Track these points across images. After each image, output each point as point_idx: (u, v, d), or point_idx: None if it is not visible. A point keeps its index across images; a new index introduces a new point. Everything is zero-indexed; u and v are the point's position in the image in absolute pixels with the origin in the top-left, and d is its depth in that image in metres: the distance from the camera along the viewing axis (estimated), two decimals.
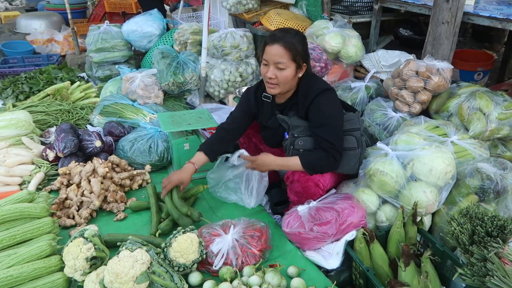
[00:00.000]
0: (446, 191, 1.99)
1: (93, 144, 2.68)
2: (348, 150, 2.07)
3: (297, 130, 2.06)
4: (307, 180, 2.03)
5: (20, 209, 1.85)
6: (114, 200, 2.34)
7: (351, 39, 3.32)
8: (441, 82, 2.50)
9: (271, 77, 2.00)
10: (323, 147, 1.99)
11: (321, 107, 2.00)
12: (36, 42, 5.76)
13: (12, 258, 1.68)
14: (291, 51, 1.94)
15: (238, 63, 3.68)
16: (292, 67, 1.98)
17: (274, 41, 1.96)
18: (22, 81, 3.78)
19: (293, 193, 2.12)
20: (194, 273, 1.81)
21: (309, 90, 2.04)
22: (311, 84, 2.06)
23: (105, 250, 1.77)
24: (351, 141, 2.09)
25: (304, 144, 2.05)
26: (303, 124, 2.06)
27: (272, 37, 1.98)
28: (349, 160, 2.09)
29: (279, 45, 1.94)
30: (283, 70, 1.97)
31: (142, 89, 3.37)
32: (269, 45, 1.98)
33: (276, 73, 1.98)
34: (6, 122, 2.79)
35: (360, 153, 2.11)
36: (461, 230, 1.54)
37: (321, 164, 2.01)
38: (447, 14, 2.65)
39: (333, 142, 1.98)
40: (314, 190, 2.04)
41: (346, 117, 2.12)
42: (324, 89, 2.02)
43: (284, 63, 1.96)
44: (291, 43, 1.94)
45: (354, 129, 2.11)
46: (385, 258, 1.84)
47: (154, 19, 4.27)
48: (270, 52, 1.97)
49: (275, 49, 1.95)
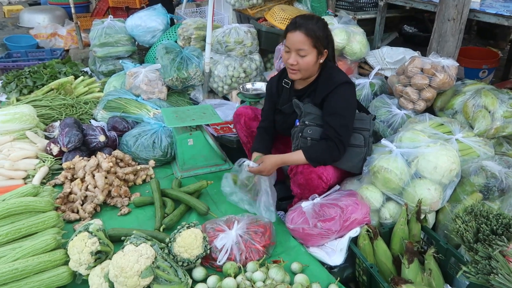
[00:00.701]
0: (450, 189, 1.99)
1: (97, 138, 2.68)
2: (353, 146, 2.08)
3: (308, 118, 2.07)
4: (310, 172, 2.03)
5: (25, 203, 1.85)
6: (118, 194, 2.35)
7: (356, 35, 3.30)
8: (446, 80, 2.49)
9: (292, 63, 2.02)
10: (329, 135, 2.00)
11: (338, 98, 2.02)
12: (39, 36, 5.75)
13: (17, 252, 1.68)
14: (312, 38, 1.97)
15: (242, 59, 3.68)
16: (313, 53, 2.00)
17: (296, 28, 1.99)
18: (25, 75, 3.78)
19: (296, 186, 2.13)
20: (198, 268, 1.82)
21: (330, 80, 2.06)
22: (333, 74, 2.09)
23: (109, 245, 1.77)
24: (358, 139, 2.09)
25: (312, 133, 2.06)
26: (316, 113, 2.07)
27: (294, 24, 2.01)
28: (353, 157, 2.09)
29: (301, 32, 1.97)
30: (304, 56, 2.00)
31: (146, 84, 3.37)
32: (291, 32, 2.00)
33: (298, 60, 2.01)
34: (10, 116, 2.80)
35: (365, 153, 2.11)
36: (466, 228, 1.53)
37: (324, 155, 2.02)
38: (453, 11, 2.64)
39: (340, 132, 1.99)
40: (317, 182, 2.04)
41: (359, 116, 2.13)
42: (344, 81, 2.05)
43: (305, 49, 1.98)
44: (312, 30, 1.97)
45: (364, 129, 2.12)
46: (388, 255, 1.84)
47: (158, 14, 4.26)
48: (291, 39, 2.00)
49: (297, 36, 1.98)
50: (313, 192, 2.06)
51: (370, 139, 2.15)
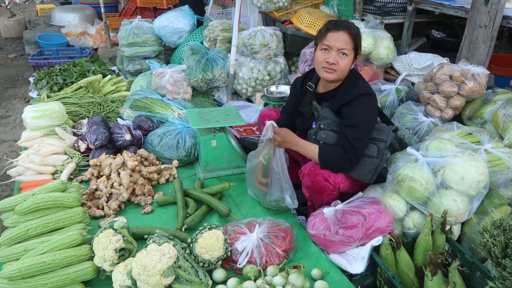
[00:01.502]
0: (477, 201, 1.94)
1: (123, 137, 2.74)
2: (365, 156, 2.06)
3: (324, 122, 2.07)
4: (316, 175, 2.03)
5: (54, 198, 1.91)
6: (142, 193, 2.39)
7: (383, 40, 3.26)
8: (476, 88, 2.42)
9: (333, 62, 2.01)
10: (343, 146, 1.98)
11: (356, 109, 2.00)
12: (70, 35, 5.92)
13: (45, 245, 1.74)
14: (355, 40, 2.00)
15: (267, 62, 3.68)
16: (351, 55, 2.02)
17: (340, 28, 1.99)
18: (56, 72, 3.89)
19: (305, 188, 2.13)
20: (219, 269, 1.83)
21: (351, 89, 2.05)
22: (356, 84, 2.08)
23: (133, 242, 1.81)
24: (372, 149, 2.07)
25: (325, 137, 2.06)
26: (332, 118, 2.07)
27: (338, 24, 2.01)
28: (363, 167, 2.07)
29: (345, 32, 1.98)
30: (344, 57, 2.00)
31: (171, 85, 3.41)
32: (333, 31, 2.00)
33: (338, 59, 2.01)
34: (41, 112, 2.89)
35: (378, 164, 2.08)
36: (494, 242, 1.49)
37: (335, 163, 2.01)
38: (485, 18, 2.57)
39: (355, 146, 1.97)
40: (323, 184, 2.02)
41: (378, 126, 2.11)
42: (365, 93, 2.03)
43: (347, 50, 1.99)
44: (355, 31, 2.00)
45: (380, 140, 2.09)
46: (411, 266, 1.81)
47: (185, 15, 4.32)
48: (334, 38, 2.00)
49: (341, 35, 1.99)
50: (321, 195, 2.05)
51: (385, 151, 2.12)
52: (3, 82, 5.28)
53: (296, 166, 2.43)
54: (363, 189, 2.23)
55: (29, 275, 1.66)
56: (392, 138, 2.17)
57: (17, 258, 1.74)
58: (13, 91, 5.00)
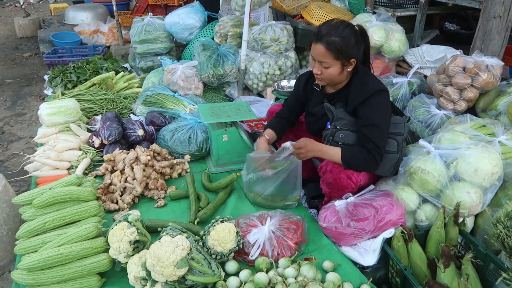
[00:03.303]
0: (491, 193, 1.92)
1: (136, 132, 2.78)
2: (387, 153, 2.04)
3: (340, 123, 2.05)
4: (340, 172, 2.02)
5: (70, 191, 1.95)
6: (155, 187, 2.43)
7: (395, 33, 3.23)
8: (490, 79, 2.39)
9: (316, 73, 2.03)
10: (366, 147, 1.97)
11: (373, 108, 1.97)
12: (83, 33, 6.00)
13: (62, 238, 1.78)
14: (333, 51, 1.92)
15: (278, 56, 3.69)
16: (336, 65, 1.96)
17: (317, 40, 1.95)
18: (70, 70, 3.96)
19: (325, 184, 2.11)
20: (231, 261, 1.85)
21: (363, 89, 2.01)
22: (366, 82, 2.03)
23: (147, 235, 1.84)
24: (392, 145, 2.05)
25: (344, 138, 2.04)
26: (348, 118, 2.05)
27: (316, 35, 1.96)
28: (385, 163, 2.06)
29: (321, 45, 1.93)
30: (327, 68, 1.98)
31: (183, 81, 3.44)
32: (314, 42, 1.98)
33: (322, 70, 2.00)
34: (56, 109, 2.95)
35: (398, 158, 2.07)
36: (508, 233, 1.48)
37: (360, 164, 1.99)
38: (499, 8, 2.53)
39: (378, 144, 1.95)
40: (346, 182, 2.02)
41: (393, 120, 2.08)
42: (378, 90, 1.98)
43: (327, 62, 1.96)
44: (333, 43, 1.91)
45: (398, 134, 2.07)
46: (423, 258, 1.80)
47: (196, 12, 4.34)
48: (314, 50, 1.98)
49: (318, 48, 1.95)
50: (341, 192, 2.04)
51: (403, 144, 2.10)
52: (19, 81, 5.39)
53: (307, 161, 2.42)
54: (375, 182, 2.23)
55: (47, 266, 1.71)
56: (407, 129, 2.15)
57: (35, 250, 1.79)
58: (29, 89, 5.10)
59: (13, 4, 10.67)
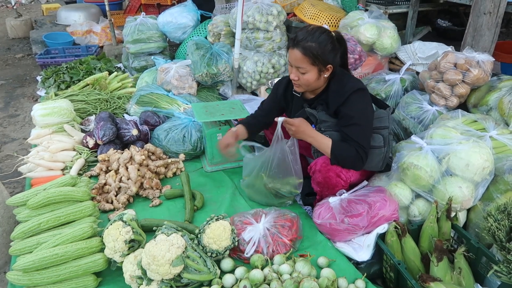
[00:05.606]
0: (483, 187, 1.95)
1: (130, 132, 2.78)
2: (373, 148, 2.06)
3: (324, 125, 2.07)
4: (328, 171, 2.03)
5: (64, 192, 1.95)
6: (150, 186, 2.43)
7: (387, 30, 3.26)
8: (481, 75, 2.42)
9: (293, 78, 2.04)
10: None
11: (352, 107, 1.98)
12: (75, 33, 5.97)
13: (57, 238, 1.78)
14: (309, 57, 1.93)
15: (271, 55, 3.69)
16: (313, 71, 1.97)
17: (294, 46, 1.96)
18: (63, 71, 3.94)
19: (315, 183, 2.13)
20: (226, 259, 1.86)
21: (341, 89, 2.02)
22: (343, 83, 2.04)
23: (142, 234, 1.85)
24: (377, 140, 2.07)
25: (330, 137, 2.05)
26: (331, 120, 2.07)
27: (293, 40, 1.97)
28: (373, 158, 2.07)
29: (298, 51, 1.94)
30: (304, 73, 1.99)
31: (176, 80, 3.44)
32: (290, 48, 1.98)
33: (299, 75, 2.01)
34: (50, 110, 2.94)
35: (386, 152, 2.09)
36: (498, 226, 1.51)
37: (347, 161, 2.00)
38: (489, 4, 2.56)
39: (361, 143, 1.97)
40: (336, 180, 2.03)
41: (376, 114, 2.10)
42: (357, 89, 1.99)
43: (304, 67, 1.96)
44: (310, 49, 1.92)
45: (383, 127, 2.09)
46: (417, 253, 1.83)
47: (189, 11, 4.34)
48: (290, 56, 1.99)
49: (294, 54, 1.96)
50: (332, 190, 2.05)
51: (390, 137, 2.12)
52: (11, 82, 5.36)
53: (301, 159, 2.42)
54: (369, 178, 2.24)
55: (43, 267, 1.71)
56: (392, 121, 2.15)
57: (31, 251, 1.79)
58: (22, 90, 5.08)
59: (5, 5, 10.58)
